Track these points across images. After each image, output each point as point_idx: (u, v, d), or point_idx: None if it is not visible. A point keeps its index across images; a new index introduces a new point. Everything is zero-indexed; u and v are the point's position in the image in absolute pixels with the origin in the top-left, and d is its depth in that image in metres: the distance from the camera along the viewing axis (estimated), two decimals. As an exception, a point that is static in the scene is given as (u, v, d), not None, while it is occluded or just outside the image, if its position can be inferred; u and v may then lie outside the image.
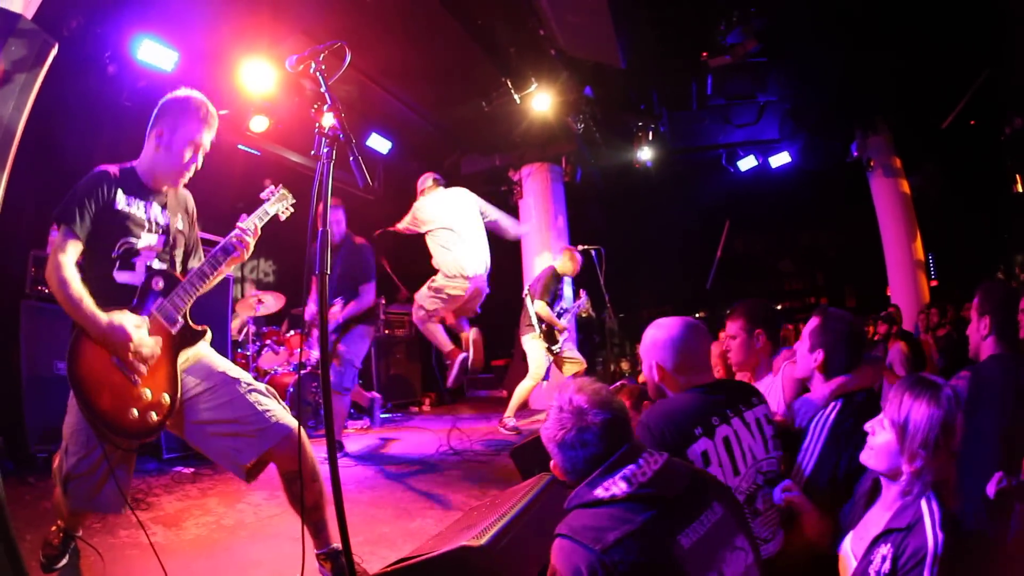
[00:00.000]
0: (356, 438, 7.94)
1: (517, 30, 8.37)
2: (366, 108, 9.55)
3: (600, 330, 12.50)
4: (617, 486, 1.97)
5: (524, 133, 10.56)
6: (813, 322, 3.30)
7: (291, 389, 7.95)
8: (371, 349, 10.15)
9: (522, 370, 8.20)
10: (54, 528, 3.24)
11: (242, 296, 8.77)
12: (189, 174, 3.34)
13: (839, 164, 13.10)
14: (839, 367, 3.18)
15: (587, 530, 1.86)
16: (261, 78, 7.77)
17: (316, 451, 3.15)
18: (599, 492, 1.98)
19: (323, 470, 3.37)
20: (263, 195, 3.57)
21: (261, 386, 3.21)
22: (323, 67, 2.81)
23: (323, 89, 2.74)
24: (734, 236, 14.84)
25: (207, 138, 3.30)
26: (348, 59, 2.90)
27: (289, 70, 2.88)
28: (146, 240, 3.16)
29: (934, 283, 14.67)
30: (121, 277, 3.06)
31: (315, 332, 7.06)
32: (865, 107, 12.13)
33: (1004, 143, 11.67)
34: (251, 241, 3.33)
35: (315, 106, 2.69)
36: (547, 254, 8.81)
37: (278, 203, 3.59)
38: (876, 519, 2.37)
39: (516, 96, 9.32)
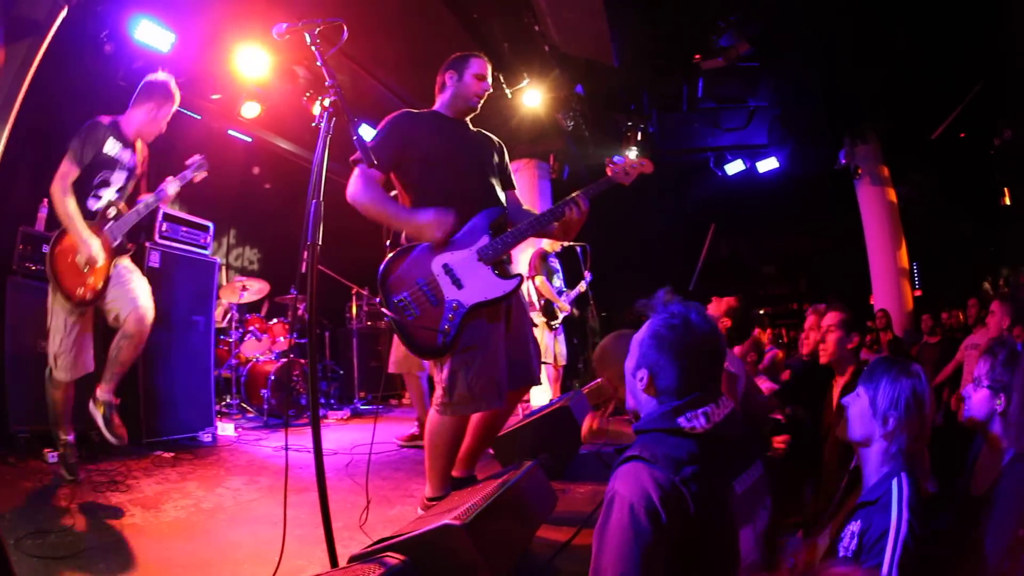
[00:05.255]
0: (336, 428, 7.93)
1: (512, 25, 8.37)
2: (357, 98, 9.49)
3: (581, 329, 12.46)
4: (699, 420, 1.95)
5: (514, 129, 10.48)
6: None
7: (272, 377, 7.93)
8: (354, 342, 10.16)
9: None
10: (60, 448, 4.49)
11: (227, 282, 8.75)
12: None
13: (826, 171, 13.14)
14: None
15: (667, 458, 1.84)
16: (255, 63, 7.76)
17: (300, 440, 3.21)
18: (683, 422, 1.96)
19: (300, 458, 3.42)
20: (188, 162, 4.78)
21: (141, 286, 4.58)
22: (318, 42, 2.85)
23: (319, 63, 2.79)
24: (719, 239, 14.87)
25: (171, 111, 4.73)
26: (345, 36, 2.91)
27: (276, 38, 2.90)
28: (117, 176, 4.56)
29: (918, 292, 14.76)
30: (91, 204, 4.45)
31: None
32: (855, 115, 12.18)
33: (993, 155, 11.75)
34: (170, 197, 4.71)
35: (308, 93, 2.73)
36: (530, 249, 8.82)
37: (198, 170, 4.82)
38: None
39: (508, 91, 9.32)
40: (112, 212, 4.52)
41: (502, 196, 4.00)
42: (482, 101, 4.01)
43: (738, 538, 1.95)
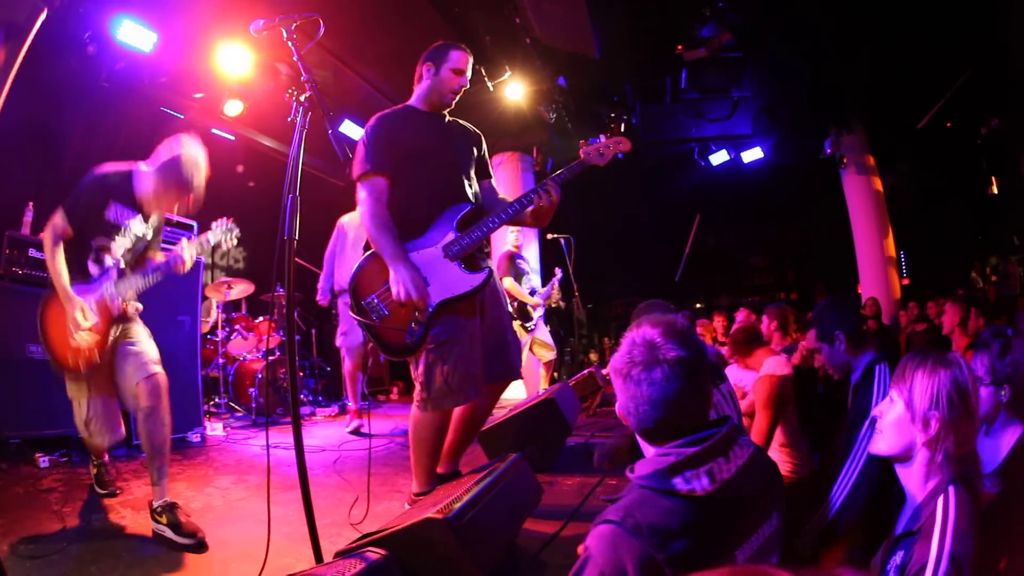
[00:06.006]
0: (324, 425, 7.93)
1: (493, 17, 8.36)
2: (340, 94, 9.48)
3: (568, 321, 12.51)
4: (700, 481, 1.69)
5: (496, 122, 10.48)
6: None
7: (259, 375, 7.93)
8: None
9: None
10: (93, 468, 4.42)
11: (212, 281, 8.72)
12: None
13: (812, 160, 13.17)
14: None
15: (653, 530, 1.60)
16: (237, 61, 7.75)
17: (283, 436, 3.22)
18: (679, 483, 1.69)
19: (288, 456, 3.38)
20: (213, 225, 4.32)
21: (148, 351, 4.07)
22: (295, 37, 2.88)
23: (295, 58, 2.83)
24: (705, 230, 14.90)
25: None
26: (321, 31, 2.93)
27: (254, 34, 2.92)
28: (119, 244, 4.03)
29: (905, 281, 14.84)
30: (92, 268, 3.98)
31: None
32: (840, 105, 12.22)
33: (980, 144, 11.80)
34: (187, 264, 4.13)
35: (290, 91, 2.75)
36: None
37: (222, 234, 4.33)
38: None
39: (490, 84, 9.31)
40: (113, 275, 3.99)
41: (477, 188, 4.01)
42: (457, 97, 3.96)
43: None
